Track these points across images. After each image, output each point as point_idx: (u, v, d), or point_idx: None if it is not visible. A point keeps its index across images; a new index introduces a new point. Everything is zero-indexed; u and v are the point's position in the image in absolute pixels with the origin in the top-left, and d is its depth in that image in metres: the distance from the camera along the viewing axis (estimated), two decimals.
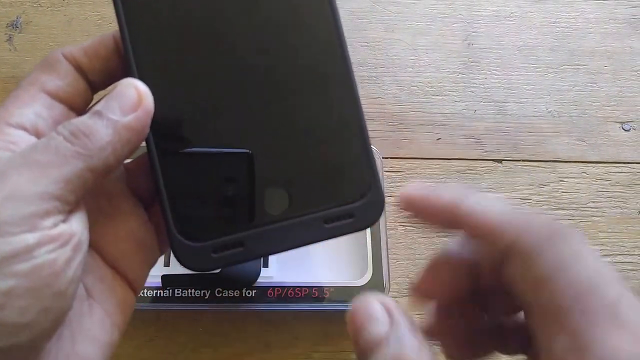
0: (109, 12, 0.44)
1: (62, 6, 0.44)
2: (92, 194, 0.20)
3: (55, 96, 0.21)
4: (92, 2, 0.44)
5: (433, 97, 0.43)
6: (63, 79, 0.21)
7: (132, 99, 0.20)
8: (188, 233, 0.22)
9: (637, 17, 0.45)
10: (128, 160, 0.23)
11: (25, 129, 0.20)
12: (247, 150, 0.23)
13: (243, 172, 0.23)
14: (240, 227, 0.22)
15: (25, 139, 0.20)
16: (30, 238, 0.17)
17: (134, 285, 0.23)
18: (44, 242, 0.18)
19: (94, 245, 0.21)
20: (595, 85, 0.44)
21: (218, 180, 0.23)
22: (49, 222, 0.18)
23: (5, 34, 0.43)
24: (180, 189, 0.22)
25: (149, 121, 0.21)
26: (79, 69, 0.22)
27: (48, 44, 0.43)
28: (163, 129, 0.22)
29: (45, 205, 0.18)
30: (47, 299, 0.18)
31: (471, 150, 0.42)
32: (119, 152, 0.20)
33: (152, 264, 0.24)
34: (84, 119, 0.19)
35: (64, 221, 0.19)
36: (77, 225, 0.19)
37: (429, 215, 0.20)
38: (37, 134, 0.20)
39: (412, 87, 0.43)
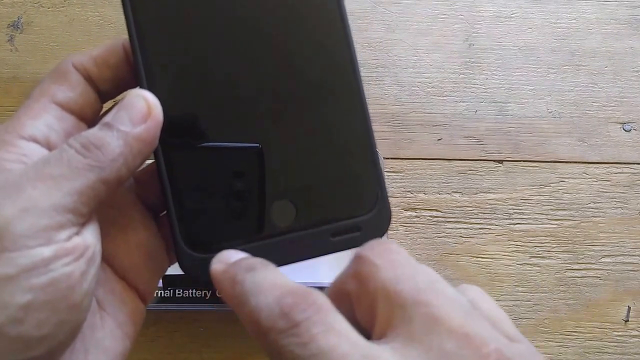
0: (110, 12, 0.44)
1: (63, 7, 0.44)
2: (102, 205, 0.20)
3: (66, 107, 0.21)
4: (94, 3, 0.44)
5: (434, 97, 0.43)
6: (74, 90, 0.21)
7: (142, 110, 0.20)
8: (195, 244, 0.22)
9: (638, 17, 0.45)
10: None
11: (37, 141, 0.20)
12: (255, 163, 0.23)
13: (250, 184, 0.23)
14: (247, 238, 0.22)
15: (38, 152, 0.20)
16: (46, 251, 0.17)
17: (143, 295, 0.23)
18: (60, 255, 0.18)
19: (105, 257, 0.21)
20: (596, 86, 0.44)
21: (225, 191, 0.22)
22: (63, 234, 0.18)
23: (7, 34, 0.43)
24: (188, 199, 0.22)
25: (158, 132, 0.21)
26: (89, 79, 0.22)
27: (49, 44, 0.43)
28: (171, 139, 0.22)
29: (60, 218, 0.18)
30: (63, 312, 0.18)
31: (472, 151, 0.42)
32: (130, 163, 0.20)
33: (162, 274, 0.24)
34: (95, 131, 0.20)
35: (77, 234, 0.19)
36: (90, 238, 0.19)
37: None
38: (49, 146, 0.20)
39: (413, 88, 0.43)
